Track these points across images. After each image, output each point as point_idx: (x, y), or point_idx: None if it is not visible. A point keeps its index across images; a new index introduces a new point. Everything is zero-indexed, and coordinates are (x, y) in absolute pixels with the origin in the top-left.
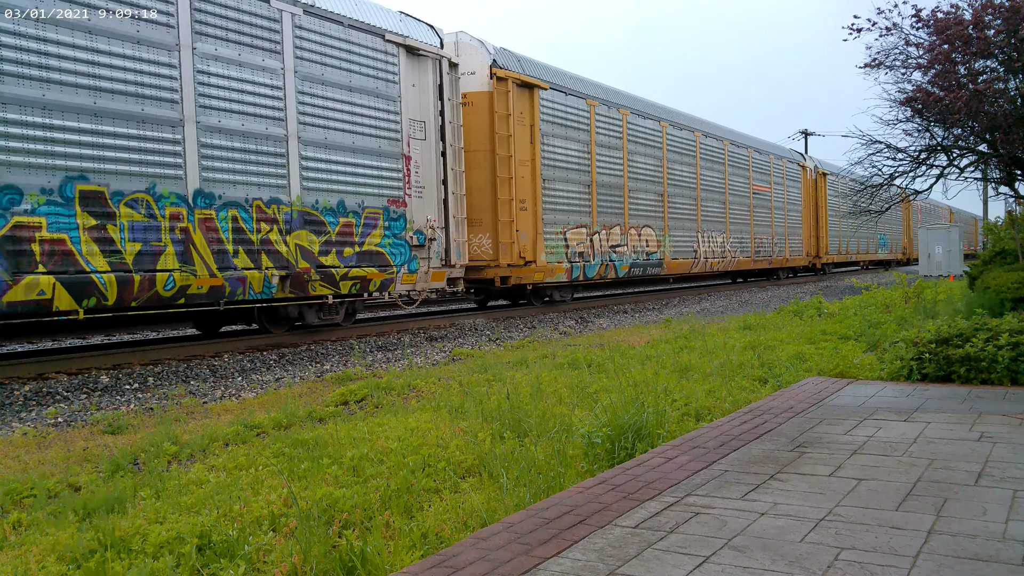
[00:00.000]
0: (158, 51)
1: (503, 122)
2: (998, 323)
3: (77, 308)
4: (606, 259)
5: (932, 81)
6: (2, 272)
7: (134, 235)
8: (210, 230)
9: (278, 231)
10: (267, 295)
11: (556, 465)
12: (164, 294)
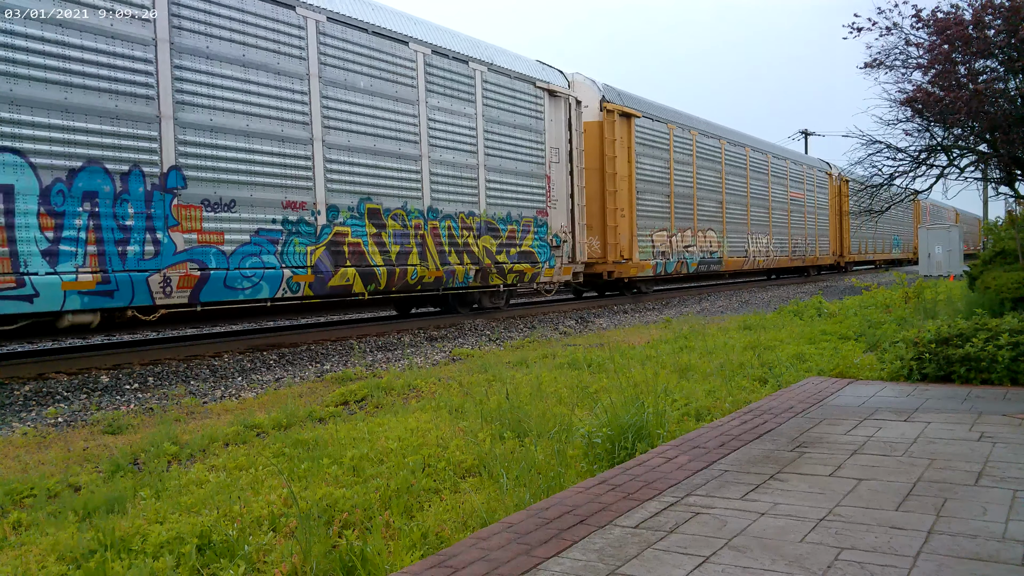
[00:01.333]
0: (409, 106)
1: (610, 146)
2: (998, 323)
3: (364, 291)
4: (681, 257)
5: (932, 81)
6: (329, 264)
7: (395, 239)
8: (436, 236)
9: (472, 236)
10: (465, 284)
11: (556, 465)
12: (410, 282)
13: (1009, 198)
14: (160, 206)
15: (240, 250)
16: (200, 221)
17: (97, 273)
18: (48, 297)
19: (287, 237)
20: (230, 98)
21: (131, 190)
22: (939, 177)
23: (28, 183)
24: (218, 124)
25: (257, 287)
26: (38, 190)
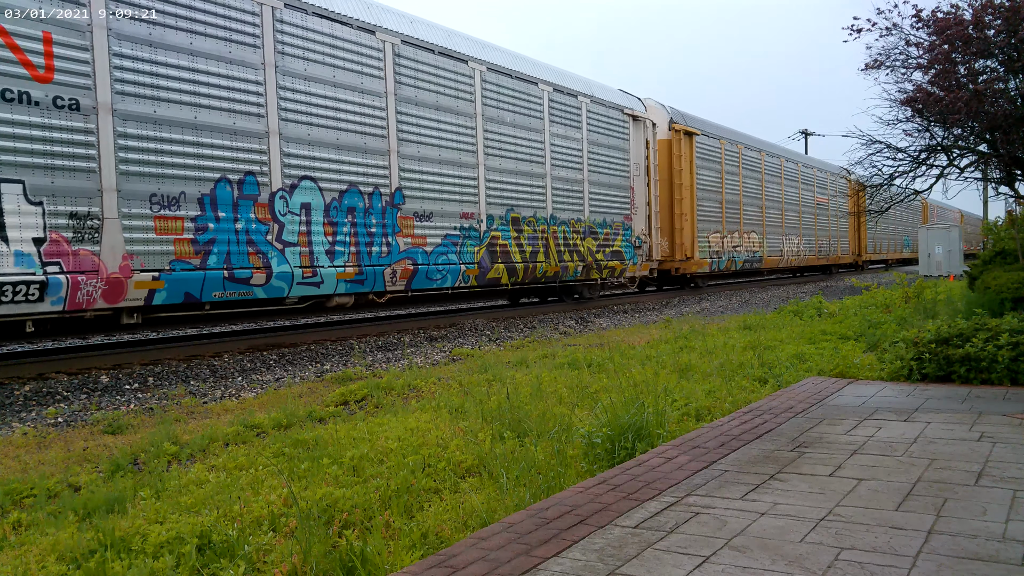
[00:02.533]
0: (537, 134)
1: (677, 160)
2: (998, 323)
3: (508, 283)
4: (730, 256)
5: (932, 81)
6: (488, 261)
7: (528, 242)
8: (555, 238)
9: (579, 238)
10: (574, 278)
11: (556, 465)
12: (538, 276)
13: (1009, 198)
14: (390, 217)
15: (435, 250)
16: (413, 228)
17: (355, 267)
18: (328, 284)
19: (462, 240)
20: (430, 135)
21: (374, 206)
22: (939, 177)
23: (318, 201)
24: (423, 155)
25: (444, 278)
26: (323, 206)
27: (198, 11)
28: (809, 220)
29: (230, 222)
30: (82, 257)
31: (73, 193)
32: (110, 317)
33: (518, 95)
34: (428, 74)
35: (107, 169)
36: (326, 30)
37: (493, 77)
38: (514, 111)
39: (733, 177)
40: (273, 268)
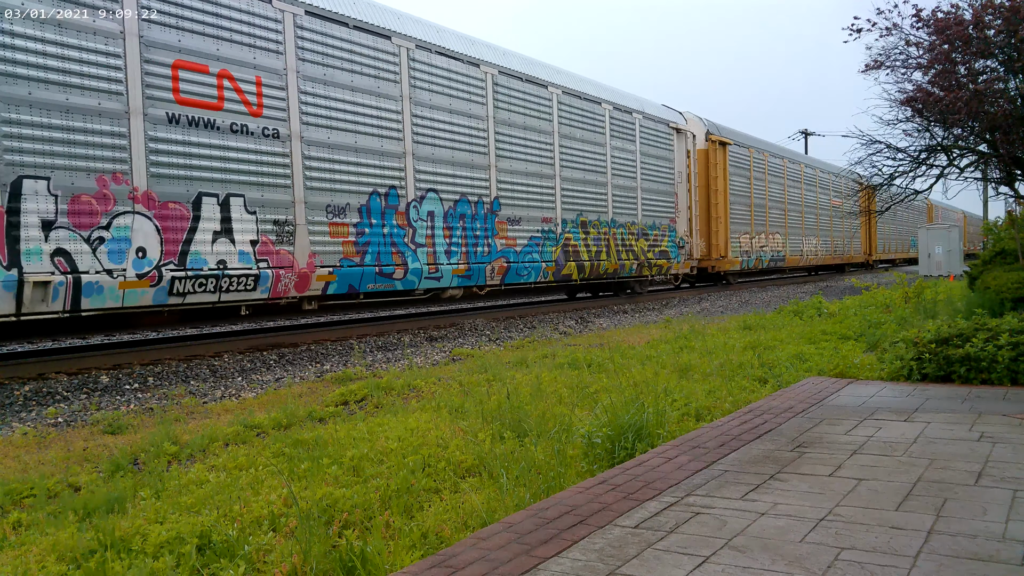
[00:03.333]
0: (600, 147)
1: (713, 168)
2: (998, 323)
3: (577, 279)
4: (757, 255)
5: (932, 81)
6: (562, 260)
7: (594, 242)
8: (615, 239)
9: (634, 239)
10: (629, 274)
11: (556, 465)
12: (600, 273)
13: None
14: (490, 222)
15: (523, 250)
16: (507, 231)
17: (465, 264)
18: (446, 278)
19: (543, 242)
20: (519, 151)
21: (478, 213)
22: (939, 177)
23: (439, 209)
24: (514, 168)
25: (529, 274)
26: (443, 213)
27: (356, 54)
28: (825, 222)
29: (379, 227)
30: (282, 255)
31: (276, 205)
32: (295, 304)
33: (586, 114)
34: (517, 98)
35: (298, 185)
36: (444, 64)
37: (567, 99)
38: (583, 128)
39: (760, 183)
40: (408, 265)
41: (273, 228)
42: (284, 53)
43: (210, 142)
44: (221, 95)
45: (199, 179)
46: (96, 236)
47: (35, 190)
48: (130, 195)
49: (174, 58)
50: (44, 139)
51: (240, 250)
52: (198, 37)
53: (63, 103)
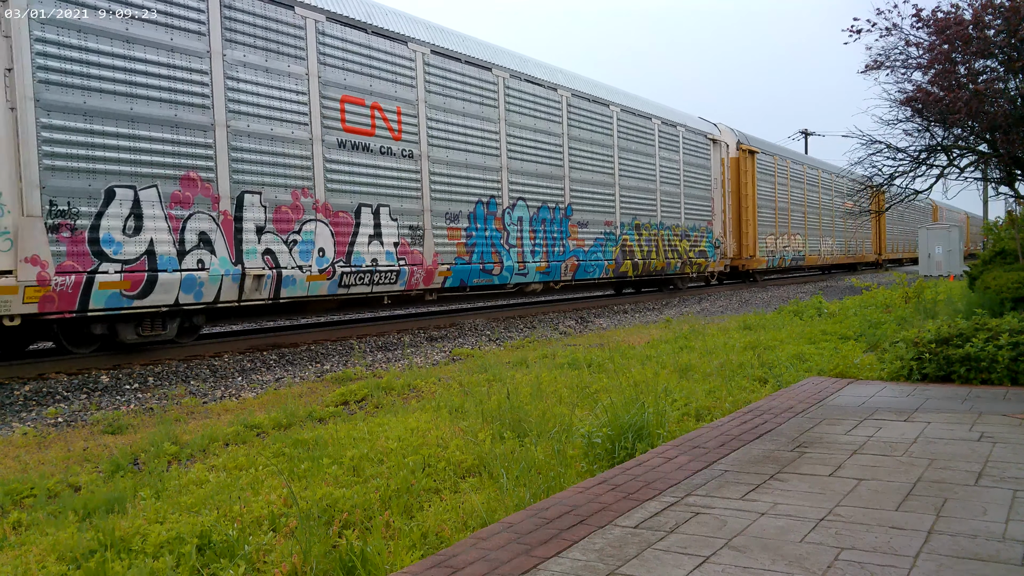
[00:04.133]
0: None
1: (744, 175)
2: (998, 323)
3: (632, 275)
4: (781, 254)
5: (932, 81)
6: (620, 259)
7: (645, 243)
8: (662, 240)
9: (678, 240)
10: (674, 272)
11: (556, 465)
12: (651, 270)
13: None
14: (564, 225)
15: (589, 250)
16: (577, 233)
17: (545, 262)
18: (531, 275)
19: (605, 242)
20: (587, 163)
21: (555, 217)
22: (939, 177)
23: (526, 215)
24: (583, 178)
25: (594, 271)
26: (529, 218)
27: (467, 85)
28: (840, 223)
29: (482, 231)
30: (415, 255)
31: (411, 213)
32: (420, 295)
33: (639, 128)
34: (586, 117)
35: (425, 196)
36: (529, 90)
37: (624, 116)
38: (636, 141)
39: (783, 187)
40: (504, 263)
41: (408, 232)
42: (416, 86)
43: (365, 162)
44: (373, 123)
45: (359, 192)
46: (291, 239)
47: (252, 203)
48: (314, 206)
49: (342, 94)
50: (258, 162)
51: (387, 250)
52: (357, 76)
53: (269, 133)
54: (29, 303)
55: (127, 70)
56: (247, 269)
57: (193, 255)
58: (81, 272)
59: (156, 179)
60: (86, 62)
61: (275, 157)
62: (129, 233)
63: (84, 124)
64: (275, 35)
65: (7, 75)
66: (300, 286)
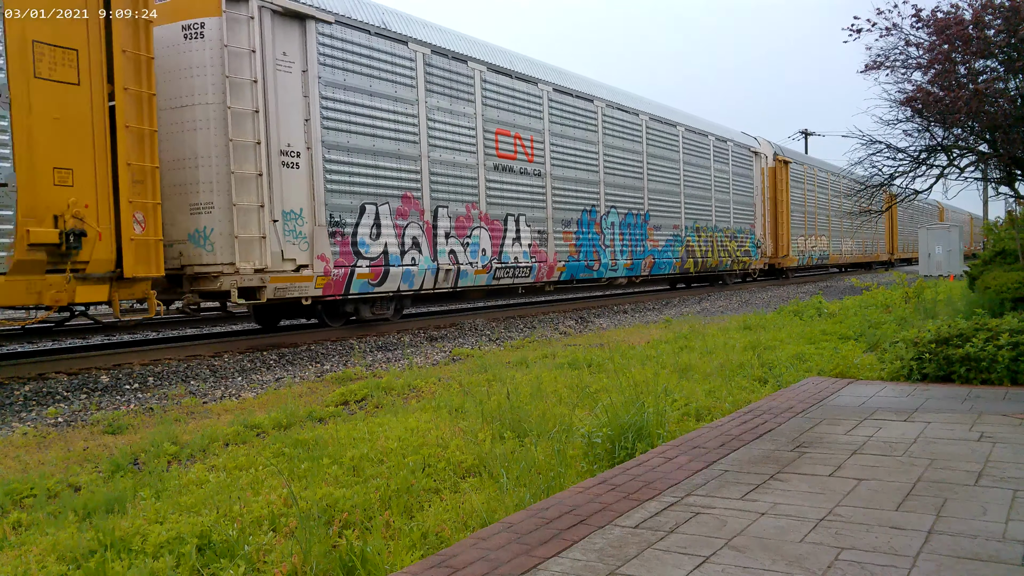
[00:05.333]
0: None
1: (780, 183)
2: (998, 323)
3: (693, 271)
4: (809, 254)
5: (932, 81)
6: (684, 257)
7: (703, 243)
8: (716, 241)
9: (728, 241)
10: (724, 269)
11: (556, 465)
12: (707, 267)
13: (1009, 198)
14: (644, 229)
15: (661, 250)
16: (653, 236)
17: (631, 260)
18: (620, 271)
19: (673, 243)
20: (661, 175)
21: (637, 222)
22: (939, 177)
23: (616, 220)
24: (658, 188)
25: (665, 268)
26: (619, 223)
27: (577, 114)
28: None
29: (587, 234)
30: (541, 254)
31: (538, 220)
32: (540, 287)
33: (698, 144)
34: (659, 136)
35: (548, 207)
36: (620, 116)
37: (688, 134)
38: (696, 155)
39: (811, 193)
40: (601, 260)
41: (537, 236)
42: (543, 118)
43: (510, 181)
44: (515, 149)
45: (506, 205)
46: (465, 242)
47: (442, 214)
48: (479, 216)
49: (496, 127)
50: (446, 183)
51: (524, 250)
52: (505, 112)
53: (452, 160)
54: (317, 289)
55: (370, 116)
56: (440, 265)
57: (409, 254)
58: (347, 266)
59: (388, 198)
60: (347, 111)
61: (456, 179)
62: (373, 238)
63: (347, 157)
64: (455, 84)
65: (306, 124)
66: (470, 278)
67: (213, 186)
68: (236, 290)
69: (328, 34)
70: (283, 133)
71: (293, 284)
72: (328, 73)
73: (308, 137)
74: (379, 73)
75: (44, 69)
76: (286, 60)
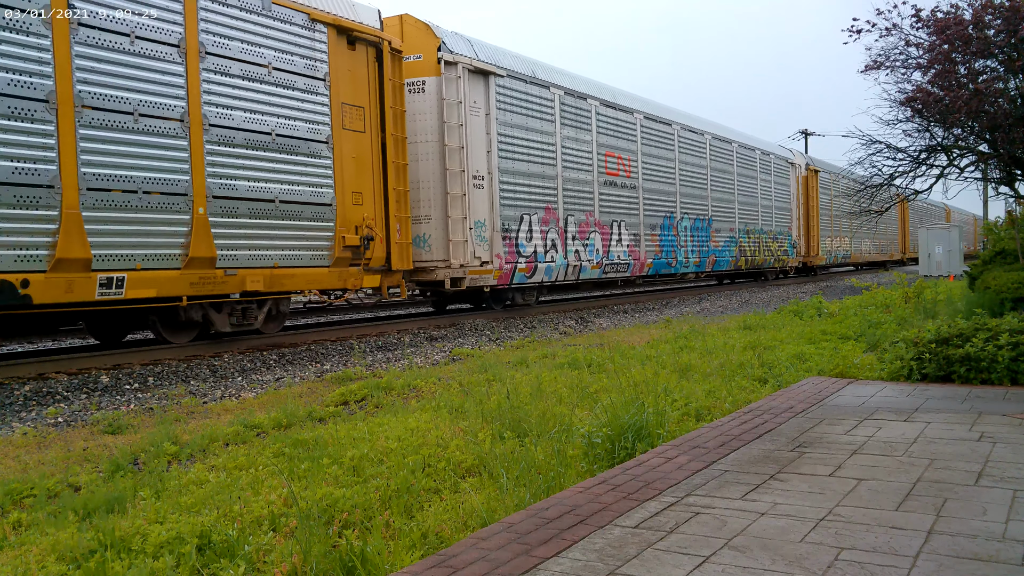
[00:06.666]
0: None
1: (811, 190)
2: (998, 323)
3: (744, 268)
4: (835, 253)
5: (932, 81)
6: (737, 255)
7: (752, 244)
8: (762, 242)
9: (771, 242)
10: (767, 266)
11: (556, 465)
12: (754, 264)
13: (1009, 198)
14: (707, 232)
15: (721, 249)
16: (714, 238)
17: (697, 258)
18: (690, 267)
19: (729, 244)
20: (720, 185)
21: (703, 227)
22: (939, 177)
23: (688, 225)
24: (718, 197)
25: (722, 265)
26: (690, 227)
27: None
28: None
29: (666, 237)
30: (636, 253)
31: (633, 225)
32: (634, 280)
33: (748, 158)
34: (719, 152)
35: (641, 213)
36: (691, 137)
37: (741, 150)
38: (746, 168)
39: (836, 199)
40: (677, 259)
41: (632, 238)
42: (636, 140)
43: (614, 193)
44: (618, 167)
45: (611, 212)
46: (585, 243)
47: (570, 221)
48: (594, 223)
49: (605, 150)
50: (573, 196)
51: (624, 250)
52: (611, 137)
53: (576, 178)
54: (494, 280)
55: (526, 146)
56: (568, 262)
57: (549, 253)
58: (512, 263)
59: (536, 209)
60: (512, 144)
61: (579, 193)
62: (527, 240)
63: (511, 179)
64: (579, 117)
65: (487, 155)
66: (588, 272)
67: (431, 203)
68: (448, 280)
69: (501, 85)
70: (474, 162)
71: (481, 276)
72: (501, 115)
73: (489, 165)
74: (531, 112)
75: (347, 122)
76: (476, 107)
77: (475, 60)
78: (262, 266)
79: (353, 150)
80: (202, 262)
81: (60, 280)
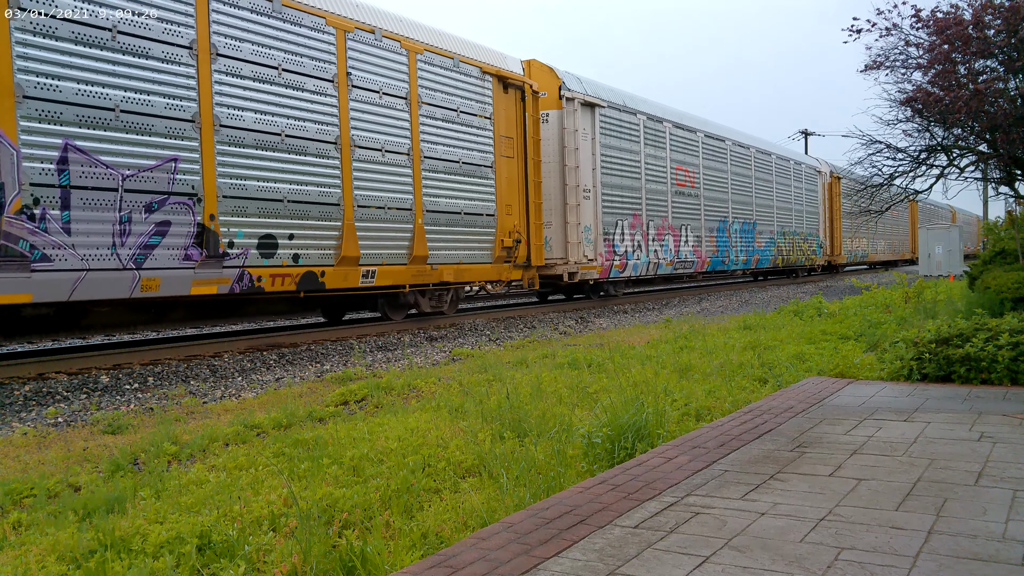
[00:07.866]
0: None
1: (834, 196)
2: (998, 323)
3: (779, 265)
4: (855, 252)
5: (932, 81)
6: (775, 254)
7: (787, 244)
8: (795, 243)
9: (801, 241)
10: (797, 264)
11: (556, 465)
12: (789, 262)
13: (1009, 198)
14: (752, 234)
15: (763, 249)
16: (757, 239)
17: (745, 257)
18: (739, 265)
19: (769, 244)
20: (763, 192)
21: (749, 229)
22: (939, 177)
23: (737, 228)
24: (761, 203)
25: (764, 263)
26: (738, 231)
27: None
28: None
29: (721, 238)
30: (698, 252)
31: (696, 228)
32: (695, 276)
33: (784, 168)
34: (761, 163)
35: (703, 218)
36: (738, 151)
37: (778, 161)
38: (782, 176)
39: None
40: (729, 257)
41: (696, 239)
42: (698, 155)
43: (681, 201)
44: (685, 179)
45: (680, 218)
46: (661, 244)
47: (650, 225)
48: (667, 227)
49: (676, 164)
50: (652, 205)
51: (689, 250)
52: (679, 153)
53: (656, 189)
54: (597, 275)
55: (619, 163)
56: (649, 260)
57: (635, 252)
58: (609, 261)
59: (626, 215)
60: (610, 162)
61: (657, 201)
62: (620, 241)
63: (609, 191)
64: (657, 137)
65: (592, 172)
66: (664, 268)
67: (552, 212)
68: (566, 274)
69: (603, 114)
70: (583, 179)
71: (588, 271)
72: (603, 138)
73: (594, 180)
74: (623, 135)
75: (503, 150)
76: (585, 133)
77: (585, 95)
78: (453, 263)
79: (506, 171)
80: (418, 259)
81: (341, 272)
